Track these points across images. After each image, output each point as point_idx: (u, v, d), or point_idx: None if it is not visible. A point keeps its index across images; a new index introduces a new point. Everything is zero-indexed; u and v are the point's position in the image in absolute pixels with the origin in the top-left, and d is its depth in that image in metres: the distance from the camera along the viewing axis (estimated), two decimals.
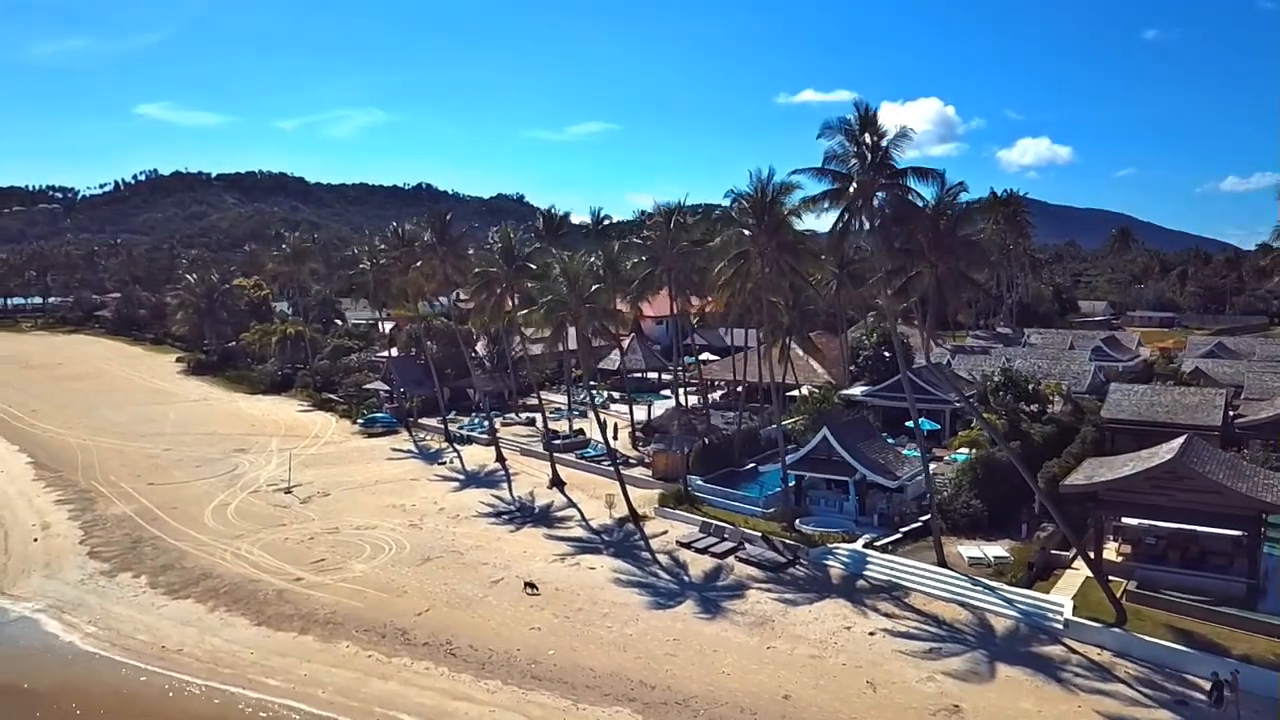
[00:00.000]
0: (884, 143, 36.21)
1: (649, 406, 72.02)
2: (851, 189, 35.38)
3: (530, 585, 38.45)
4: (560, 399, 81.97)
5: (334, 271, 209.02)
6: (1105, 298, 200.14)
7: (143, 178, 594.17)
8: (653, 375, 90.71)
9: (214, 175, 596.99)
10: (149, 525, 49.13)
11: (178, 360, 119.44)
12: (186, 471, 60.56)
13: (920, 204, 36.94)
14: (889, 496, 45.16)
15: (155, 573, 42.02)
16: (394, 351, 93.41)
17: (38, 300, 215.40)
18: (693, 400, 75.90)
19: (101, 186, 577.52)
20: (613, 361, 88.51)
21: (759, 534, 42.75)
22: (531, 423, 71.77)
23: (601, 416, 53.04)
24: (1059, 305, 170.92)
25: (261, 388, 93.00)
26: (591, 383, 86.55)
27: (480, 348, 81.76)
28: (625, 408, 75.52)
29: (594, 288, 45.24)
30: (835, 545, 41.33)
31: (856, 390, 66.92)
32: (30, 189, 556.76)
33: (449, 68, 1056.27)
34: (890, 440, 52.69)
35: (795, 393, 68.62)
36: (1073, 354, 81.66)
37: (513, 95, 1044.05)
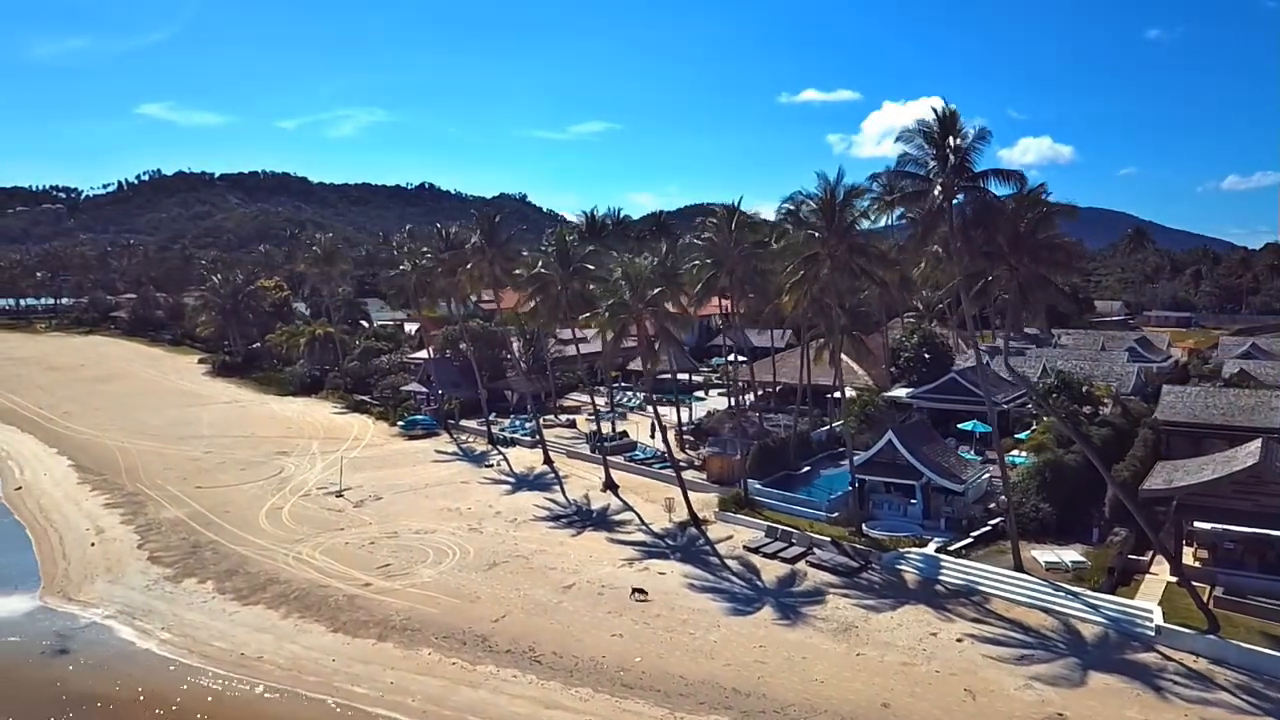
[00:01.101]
0: (964, 145, 35.87)
1: (691, 408, 71.48)
2: (936, 191, 34.98)
3: (639, 591, 37.81)
4: (596, 401, 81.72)
5: (350, 272, 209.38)
6: (1118, 297, 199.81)
7: (146, 178, 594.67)
8: (682, 376, 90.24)
9: (217, 175, 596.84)
10: (204, 530, 48.83)
11: (200, 361, 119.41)
12: (232, 475, 60.27)
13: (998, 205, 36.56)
14: (953, 500, 44.87)
15: (220, 578, 41.71)
16: (426, 353, 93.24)
17: (49, 301, 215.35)
18: (726, 402, 75.73)
19: (105, 187, 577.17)
20: (639, 363, 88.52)
21: (828, 539, 42.42)
22: (571, 424, 71.48)
23: (655, 418, 52.54)
24: (1075, 305, 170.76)
25: (291, 390, 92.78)
26: (624, 384, 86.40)
27: (515, 349, 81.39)
28: (663, 409, 75.48)
29: (655, 290, 44.87)
30: (907, 550, 41.00)
31: (900, 392, 66.58)
32: (33, 189, 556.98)
33: (450, 67, 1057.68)
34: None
35: (837, 394, 68.29)
36: (1109, 355, 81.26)
37: (514, 94, 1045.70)
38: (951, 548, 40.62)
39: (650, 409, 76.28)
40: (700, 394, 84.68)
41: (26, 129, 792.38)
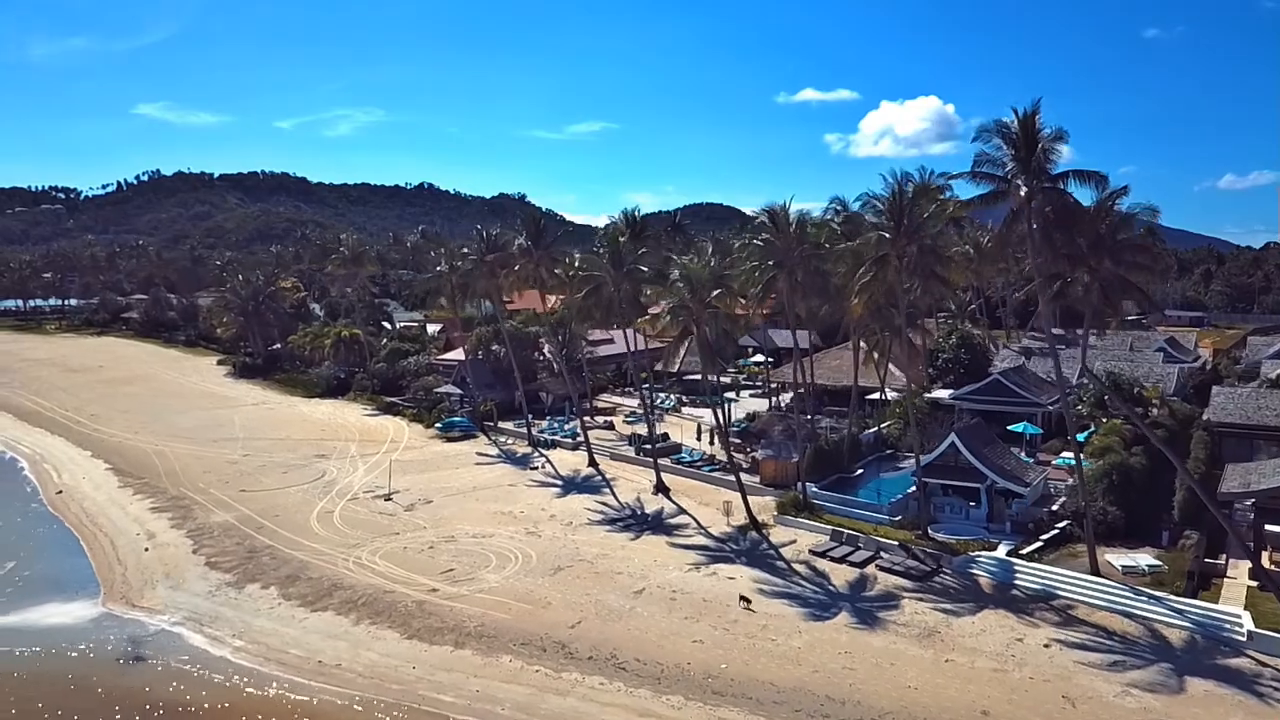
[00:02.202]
0: (1043, 145, 35.54)
1: (728, 409, 70.91)
2: (1021, 193, 34.64)
3: (745, 599, 37.08)
4: (628, 402, 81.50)
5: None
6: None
7: (145, 178, 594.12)
8: (710, 377, 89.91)
9: (216, 175, 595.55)
10: (257, 534, 48.41)
11: (219, 363, 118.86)
12: (274, 478, 59.82)
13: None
14: (1017, 503, 44.56)
15: (283, 584, 41.29)
16: (451, 355, 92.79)
17: (56, 302, 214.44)
18: (761, 404, 75.44)
19: (104, 187, 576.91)
20: (672, 364, 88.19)
21: (896, 543, 42.08)
22: (610, 426, 71.10)
23: (716, 420, 52.17)
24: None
25: (318, 391, 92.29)
26: (658, 386, 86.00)
27: (547, 350, 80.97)
28: (696, 410, 75.20)
29: (715, 292, 44.49)
30: (977, 554, 40.69)
31: (942, 393, 66.29)
32: (32, 189, 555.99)
33: (448, 67, 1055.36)
34: None
35: (874, 396, 68.05)
36: (1144, 356, 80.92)
37: (512, 95, 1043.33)
38: (1024, 551, 40.26)
39: (685, 410, 76.31)
40: (732, 395, 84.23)
41: (25, 129, 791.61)
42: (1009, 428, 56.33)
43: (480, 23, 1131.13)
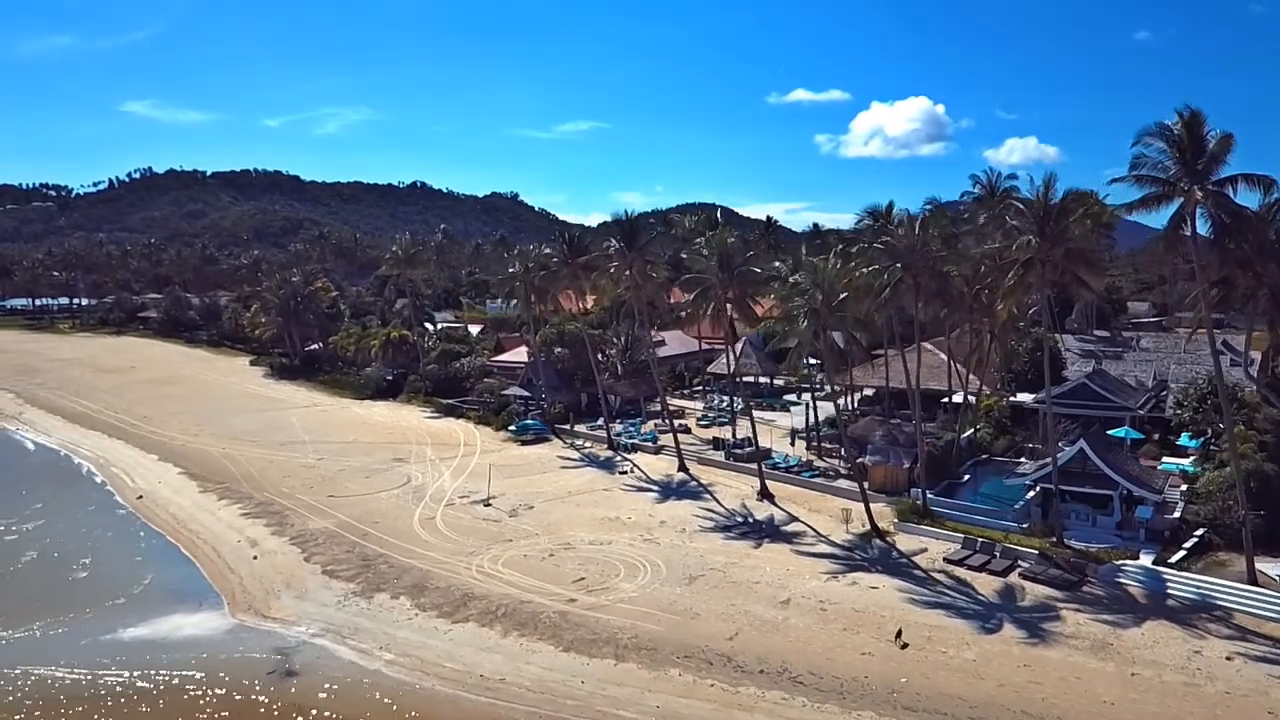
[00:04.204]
0: (1209, 148, 34.93)
1: (811, 412, 69.95)
2: (1195, 197, 34.01)
3: (899, 635, 34.47)
4: (689, 404, 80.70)
5: (370, 272, 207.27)
6: (1143, 299, 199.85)
7: (136, 175, 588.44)
8: (762, 380, 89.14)
9: (209, 173, 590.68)
10: (364, 541, 47.37)
11: (252, 364, 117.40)
12: (358, 483, 58.73)
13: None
14: (1140, 510, 43.97)
15: (411, 593, 40.26)
16: (507, 357, 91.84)
17: (64, 301, 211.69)
18: (829, 407, 74.59)
19: (95, 184, 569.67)
20: (724, 366, 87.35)
21: (1034, 551, 41.40)
22: (686, 430, 70.18)
23: (841, 428, 51.34)
24: (1110, 306, 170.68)
25: (367, 393, 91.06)
26: (712, 389, 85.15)
27: (611, 351, 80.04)
28: (762, 414, 74.28)
29: (842, 294, 43.72)
30: (1121, 562, 40.05)
31: (1025, 397, 65.71)
32: (23, 187, 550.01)
33: (436, 66, 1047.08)
34: None
35: (948, 400, 67.34)
36: (1206, 358, 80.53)
37: (502, 93, 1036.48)
38: (1171, 560, 39.64)
39: (754, 414, 75.39)
40: (793, 397, 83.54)
41: (14, 126, 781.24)
42: (1109, 433, 55.65)
43: (468, 22, 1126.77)
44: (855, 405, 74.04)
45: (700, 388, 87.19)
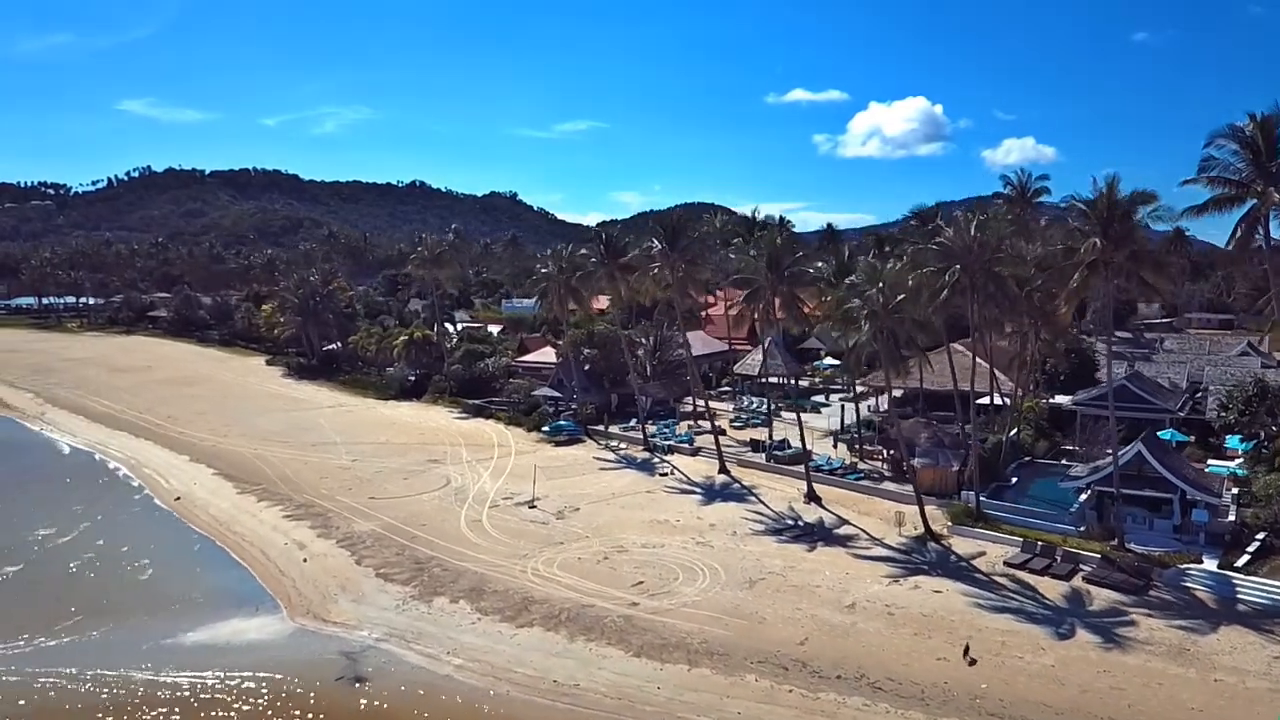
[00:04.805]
0: None
1: (847, 411, 69.80)
2: (1267, 197, 33.74)
3: (967, 651, 33.31)
4: (718, 405, 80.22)
5: (378, 271, 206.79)
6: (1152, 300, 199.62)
7: (135, 174, 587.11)
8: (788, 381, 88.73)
9: (208, 172, 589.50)
10: (413, 544, 46.95)
11: (268, 363, 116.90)
12: (397, 485, 58.31)
13: None
14: (1195, 513, 43.74)
15: (470, 597, 39.85)
16: (532, 357, 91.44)
17: (70, 299, 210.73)
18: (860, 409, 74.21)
19: (94, 183, 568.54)
20: (750, 366, 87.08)
21: (1097, 555, 41.12)
22: (721, 431, 69.72)
23: (910, 434, 50.86)
24: (1123, 307, 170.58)
25: (391, 394, 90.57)
26: (735, 389, 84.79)
27: (640, 352, 79.60)
28: (790, 414, 73.93)
29: (899, 296, 43.38)
30: (1186, 566, 39.78)
31: (1063, 399, 65.42)
32: (21, 185, 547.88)
33: (433, 66, 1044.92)
34: None
35: (982, 401, 67.02)
36: (1237, 360, 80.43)
37: (500, 93, 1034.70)
38: (1237, 565, 39.38)
39: (787, 414, 75.08)
40: (820, 398, 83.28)
41: (12, 125, 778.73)
42: (1157, 434, 55.37)
43: (466, 22, 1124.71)
44: (886, 407, 73.62)
45: (727, 388, 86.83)
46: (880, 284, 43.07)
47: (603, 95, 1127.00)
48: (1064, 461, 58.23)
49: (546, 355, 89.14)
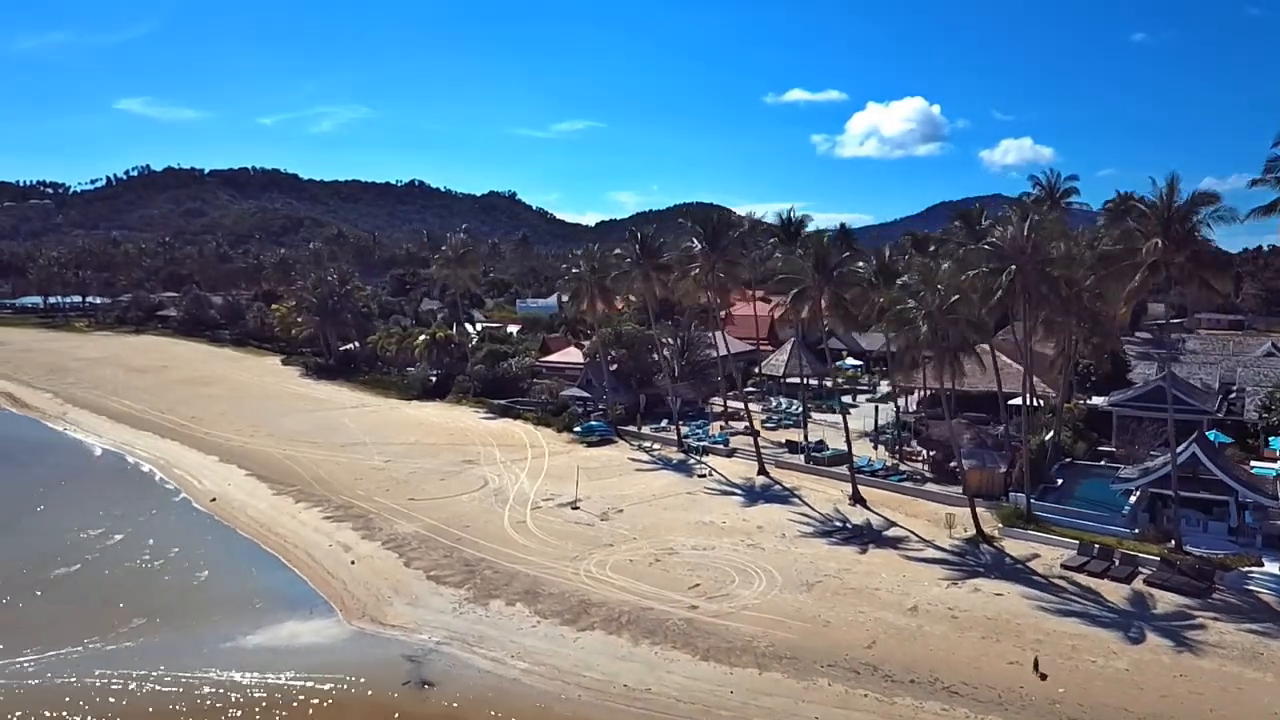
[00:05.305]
0: None
1: (881, 412, 69.31)
2: None
3: (1036, 665, 32.41)
4: (738, 405, 79.79)
5: (384, 271, 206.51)
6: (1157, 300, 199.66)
7: (134, 173, 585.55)
8: (812, 381, 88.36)
9: (207, 171, 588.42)
10: (459, 546, 46.59)
11: (284, 363, 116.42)
12: (435, 485, 57.94)
13: None
14: (1248, 514, 43.51)
15: (527, 600, 39.48)
16: (556, 357, 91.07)
17: (76, 299, 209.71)
18: (887, 409, 73.89)
19: (92, 182, 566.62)
20: (775, 367, 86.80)
21: (1156, 557, 40.85)
22: (755, 433, 69.37)
23: (957, 436, 50.55)
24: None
25: (413, 394, 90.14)
26: (760, 390, 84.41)
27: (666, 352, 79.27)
28: (827, 416, 73.73)
29: (954, 297, 43.08)
30: (1248, 569, 39.52)
31: (1099, 400, 65.18)
32: (20, 184, 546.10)
33: (430, 65, 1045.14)
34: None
35: (1015, 401, 66.72)
36: (1268, 360, 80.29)
37: (497, 92, 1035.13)
38: None
39: (815, 415, 74.78)
40: (848, 399, 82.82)
41: (11, 123, 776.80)
42: (1205, 435, 55.13)
43: (463, 20, 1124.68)
44: (914, 407, 73.37)
45: (752, 389, 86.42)
46: (935, 285, 42.70)
47: (600, 95, 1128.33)
48: (1102, 463, 58.10)
49: (570, 355, 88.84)
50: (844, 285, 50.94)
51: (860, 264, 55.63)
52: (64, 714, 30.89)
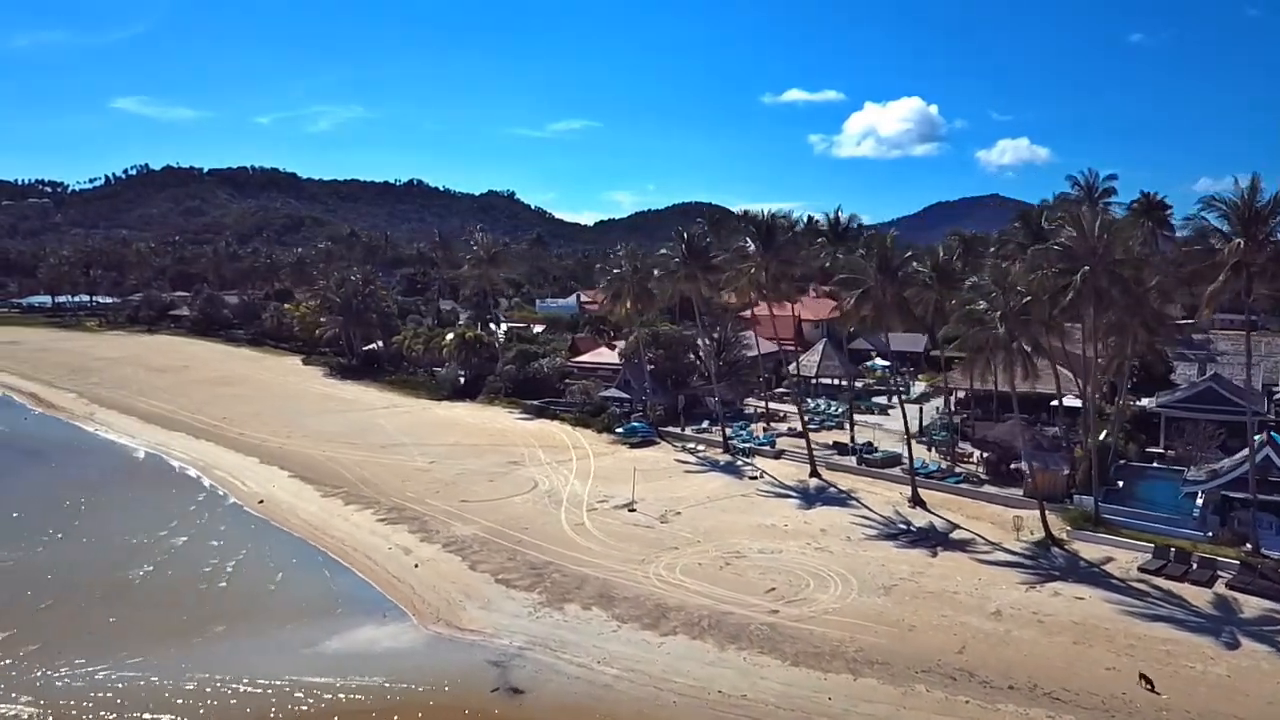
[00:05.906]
0: None
1: (921, 414, 69.01)
2: None
3: (1144, 678, 31.33)
4: (782, 406, 79.52)
5: (395, 270, 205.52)
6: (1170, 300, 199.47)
7: (133, 172, 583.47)
8: (839, 382, 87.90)
9: (205, 171, 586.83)
10: (521, 548, 46.07)
11: (305, 363, 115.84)
12: (484, 487, 57.40)
13: None
14: None
15: (602, 604, 38.98)
16: (587, 358, 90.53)
17: (84, 298, 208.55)
18: (924, 410, 73.53)
19: (91, 181, 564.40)
20: (808, 367, 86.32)
21: (1235, 560, 40.45)
22: (799, 434, 68.94)
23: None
24: None
25: (443, 394, 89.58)
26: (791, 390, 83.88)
27: (702, 352, 78.80)
28: (866, 418, 73.35)
29: (1025, 299, 42.63)
30: None
31: (1147, 401, 64.80)
32: (18, 183, 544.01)
33: (426, 64, 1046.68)
34: None
35: (1055, 403, 66.31)
36: None
37: (493, 92, 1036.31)
38: None
39: (857, 417, 74.36)
40: (883, 400, 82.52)
41: (8, 122, 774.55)
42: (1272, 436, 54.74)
43: (458, 20, 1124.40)
44: (953, 407, 73.01)
45: (785, 390, 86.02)
46: (1009, 287, 42.26)
47: (597, 94, 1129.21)
48: (1155, 465, 57.73)
49: (602, 356, 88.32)
50: (905, 285, 50.52)
51: (915, 265, 55.12)
52: (161, 717, 30.40)
